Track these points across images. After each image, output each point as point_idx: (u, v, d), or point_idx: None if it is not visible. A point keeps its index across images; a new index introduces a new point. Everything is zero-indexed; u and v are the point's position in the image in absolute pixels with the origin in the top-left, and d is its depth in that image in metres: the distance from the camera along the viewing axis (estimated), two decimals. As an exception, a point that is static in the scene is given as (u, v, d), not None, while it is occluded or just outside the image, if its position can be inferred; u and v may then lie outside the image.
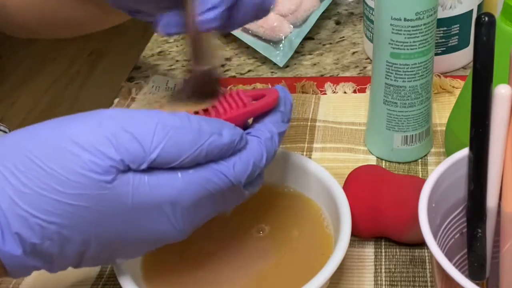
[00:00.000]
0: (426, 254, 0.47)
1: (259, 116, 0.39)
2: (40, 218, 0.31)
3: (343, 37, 0.77)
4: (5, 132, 0.60)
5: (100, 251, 0.34)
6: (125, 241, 0.34)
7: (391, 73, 0.52)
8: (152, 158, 0.32)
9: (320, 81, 0.67)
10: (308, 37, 0.75)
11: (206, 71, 0.39)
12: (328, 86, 0.66)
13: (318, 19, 0.74)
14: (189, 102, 0.38)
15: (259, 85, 0.67)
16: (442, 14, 0.62)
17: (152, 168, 0.33)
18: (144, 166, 0.32)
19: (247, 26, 0.72)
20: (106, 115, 0.33)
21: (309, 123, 0.61)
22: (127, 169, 0.32)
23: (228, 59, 0.74)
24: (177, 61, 0.75)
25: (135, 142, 0.32)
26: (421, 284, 0.45)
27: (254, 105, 0.39)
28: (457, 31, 0.64)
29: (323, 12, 0.75)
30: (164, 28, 0.41)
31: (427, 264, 0.47)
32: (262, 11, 0.44)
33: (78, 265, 0.34)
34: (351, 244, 0.48)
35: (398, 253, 0.48)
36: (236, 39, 0.75)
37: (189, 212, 0.34)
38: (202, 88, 0.39)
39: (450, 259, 0.34)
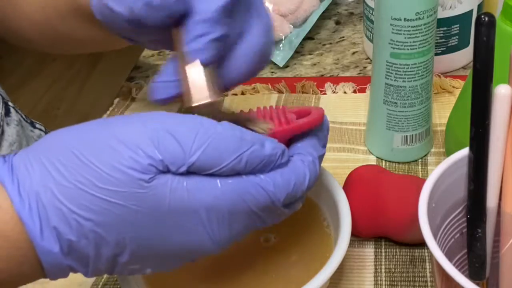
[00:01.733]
0: (426, 254, 0.47)
1: (300, 135, 0.38)
2: (77, 214, 0.31)
3: (343, 37, 0.77)
4: (41, 130, 0.60)
5: (134, 257, 0.33)
6: (159, 248, 0.33)
7: (391, 73, 0.52)
8: (192, 161, 0.32)
9: (320, 81, 0.67)
10: (308, 37, 0.75)
11: (200, 107, 0.37)
12: (328, 86, 0.66)
13: (318, 19, 0.74)
14: None
15: (259, 85, 0.67)
16: (442, 14, 0.62)
17: (192, 173, 0.32)
18: (183, 169, 0.32)
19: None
20: (150, 117, 0.33)
21: (309, 123, 0.61)
22: (166, 171, 0.32)
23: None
24: (177, 61, 0.75)
25: (176, 144, 0.32)
26: (421, 284, 0.45)
27: (298, 123, 0.37)
28: (457, 31, 0.64)
29: (323, 12, 0.75)
30: (158, 93, 0.40)
31: (427, 264, 0.47)
32: (263, 60, 0.42)
33: (112, 270, 0.34)
34: (351, 244, 0.48)
35: (398, 253, 0.48)
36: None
37: (225, 223, 0.33)
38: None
39: (450, 259, 0.34)
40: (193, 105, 0.37)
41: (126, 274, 0.35)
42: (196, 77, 0.37)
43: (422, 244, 0.47)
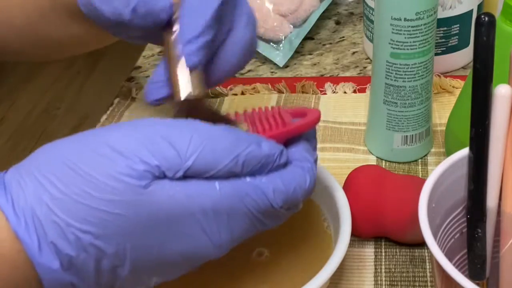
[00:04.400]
0: (426, 254, 0.47)
1: (294, 138, 0.37)
2: (75, 227, 0.31)
3: (343, 37, 0.77)
4: None
5: (135, 268, 0.33)
6: (160, 256, 0.33)
7: (391, 73, 0.52)
8: (188, 165, 0.31)
9: (320, 81, 0.67)
10: (308, 37, 0.75)
11: (191, 103, 0.37)
12: (328, 86, 0.66)
13: (318, 19, 0.74)
14: None
15: (259, 85, 0.67)
16: (442, 14, 0.62)
17: (189, 177, 0.32)
18: (180, 174, 0.31)
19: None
20: (144, 123, 0.33)
21: (309, 123, 0.61)
22: (163, 176, 0.31)
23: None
24: (177, 61, 0.75)
25: (171, 148, 0.31)
26: (421, 284, 0.45)
27: (295, 125, 0.37)
28: (457, 31, 0.64)
29: (323, 12, 0.75)
30: (152, 94, 0.40)
31: (427, 264, 0.47)
32: (249, 54, 0.42)
33: (113, 284, 0.33)
34: (351, 244, 0.48)
35: (398, 253, 0.48)
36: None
37: (225, 226, 0.33)
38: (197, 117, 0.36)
39: (450, 259, 0.34)
40: (180, 100, 0.37)
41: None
42: (183, 75, 0.37)
43: (422, 244, 0.47)
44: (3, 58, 0.57)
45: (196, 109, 0.37)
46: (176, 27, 0.38)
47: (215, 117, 0.36)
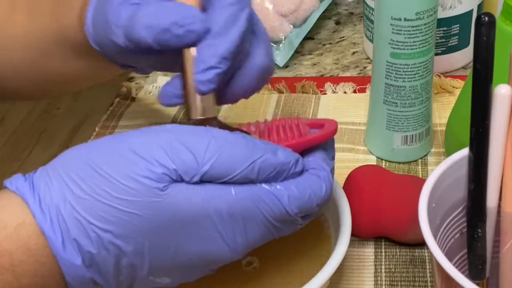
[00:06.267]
0: (426, 254, 0.47)
1: (313, 147, 0.38)
2: (96, 226, 0.32)
3: (343, 37, 0.77)
4: None
5: (153, 268, 0.34)
6: (177, 258, 0.34)
7: (391, 73, 0.52)
8: (205, 170, 0.32)
9: (320, 81, 0.67)
10: (308, 37, 0.75)
11: (202, 121, 0.38)
12: (328, 86, 0.66)
13: (318, 19, 0.74)
14: None
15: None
16: (442, 14, 0.62)
17: (206, 181, 0.33)
18: (197, 178, 0.32)
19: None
20: (164, 128, 0.34)
21: (309, 123, 0.61)
22: (180, 180, 0.32)
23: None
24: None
25: (189, 153, 0.32)
26: (421, 284, 0.45)
27: (312, 136, 0.38)
28: (457, 31, 0.64)
29: (323, 12, 0.75)
30: (166, 99, 0.40)
31: (427, 264, 0.47)
32: (264, 80, 0.43)
33: (133, 282, 0.34)
34: (351, 244, 0.48)
35: (398, 253, 0.48)
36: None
37: (241, 230, 0.34)
38: None
39: (450, 259, 0.34)
40: (192, 119, 0.38)
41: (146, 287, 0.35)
42: (196, 98, 0.38)
43: (422, 244, 0.47)
44: (7, 97, 0.57)
45: (209, 124, 0.38)
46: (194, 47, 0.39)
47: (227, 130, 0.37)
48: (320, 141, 0.38)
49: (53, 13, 0.48)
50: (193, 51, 0.38)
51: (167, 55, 0.40)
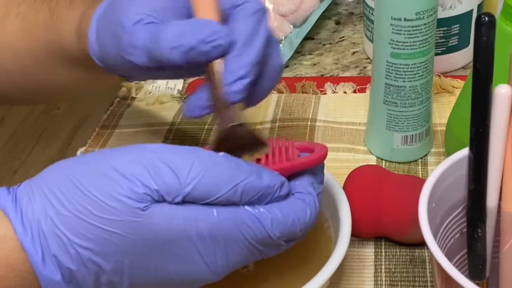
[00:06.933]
0: (426, 254, 0.47)
1: (302, 171, 0.38)
2: (75, 243, 0.32)
3: (343, 37, 0.77)
4: None
5: (133, 286, 0.34)
6: (158, 276, 0.34)
7: (391, 73, 0.52)
8: (187, 191, 0.32)
9: (320, 81, 0.67)
10: (308, 37, 0.75)
11: (234, 128, 0.38)
12: (328, 86, 0.66)
13: (318, 19, 0.74)
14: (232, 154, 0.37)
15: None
16: (442, 14, 0.62)
17: (188, 202, 0.33)
18: (178, 199, 0.32)
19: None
20: (148, 148, 0.34)
21: (309, 123, 0.61)
22: (162, 200, 0.32)
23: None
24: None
25: (171, 174, 0.32)
26: (421, 284, 0.45)
27: (300, 160, 0.38)
28: (457, 31, 0.64)
29: (323, 12, 0.75)
30: (194, 112, 0.41)
31: (427, 264, 0.47)
32: (278, 80, 0.44)
33: None
34: (351, 244, 0.48)
35: (398, 253, 0.48)
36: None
37: (222, 252, 0.34)
38: (239, 142, 0.38)
39: (450, 259, 0.34)
40: (225, 127, 0.38)
41: None
42: (228, 108, 0.39)
43: (422, 244, 0.47)
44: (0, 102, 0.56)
45: (236, 132, 0.38)
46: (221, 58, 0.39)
47: (252, 139, 0.38)
48: (308, 166, 0.38)
49: (48, 25, 0.48)
50: (220, 63, 0.39)
51: (184, 68, 0.40)
